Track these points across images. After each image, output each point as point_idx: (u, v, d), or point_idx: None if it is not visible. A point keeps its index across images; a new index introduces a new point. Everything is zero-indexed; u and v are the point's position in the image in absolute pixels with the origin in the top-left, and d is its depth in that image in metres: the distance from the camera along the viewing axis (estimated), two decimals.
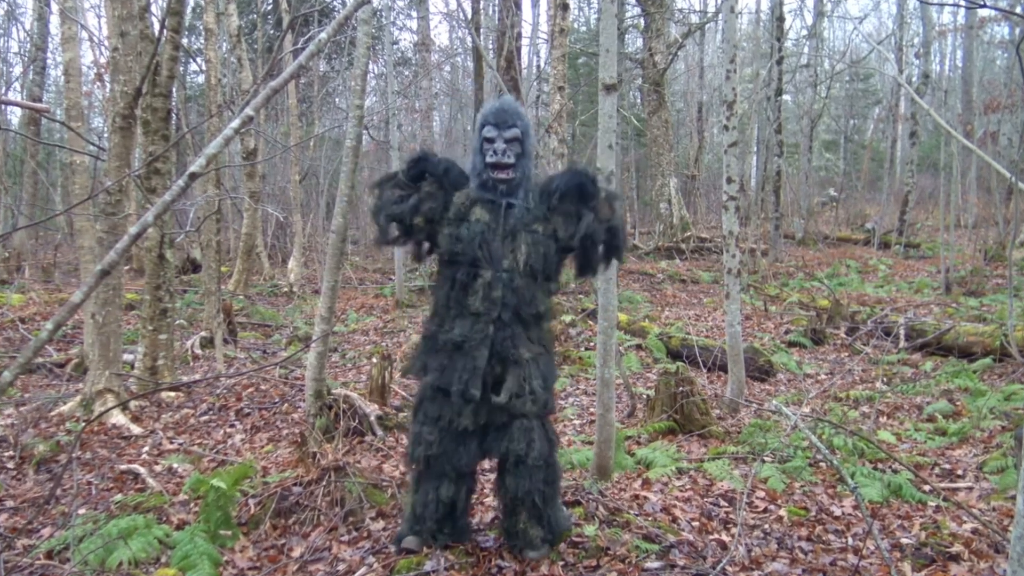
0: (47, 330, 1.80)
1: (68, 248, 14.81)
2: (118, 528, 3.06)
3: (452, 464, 2.84)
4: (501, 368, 2.78)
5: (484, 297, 2.73)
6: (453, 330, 2.77)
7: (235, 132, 1.94)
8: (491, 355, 2.75)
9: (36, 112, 10.93)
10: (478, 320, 2.74)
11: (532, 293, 2.78)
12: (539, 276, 2.79)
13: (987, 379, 6.34)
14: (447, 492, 2.87)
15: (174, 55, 5.60)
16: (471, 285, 2.74)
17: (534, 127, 3.66)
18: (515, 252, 2.75)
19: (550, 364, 2.90)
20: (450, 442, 2.82)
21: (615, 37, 3.85)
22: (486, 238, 2.74)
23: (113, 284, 5.23)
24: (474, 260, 2.74)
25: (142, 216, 1.92)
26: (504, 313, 2.74)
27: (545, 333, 2.91)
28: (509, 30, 13.03)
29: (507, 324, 2.75)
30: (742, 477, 3.97)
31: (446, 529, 2.95)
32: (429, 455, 2.83)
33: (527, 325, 2.81)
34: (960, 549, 3.12)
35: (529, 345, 2.81)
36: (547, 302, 2.88)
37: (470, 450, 2.84)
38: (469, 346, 2.74)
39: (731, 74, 5.77)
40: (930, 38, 17.74)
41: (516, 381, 2.76)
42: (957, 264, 12.37)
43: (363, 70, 4.55)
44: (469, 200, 2.82)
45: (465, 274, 2.75)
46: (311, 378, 4.58)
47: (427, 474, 2.88)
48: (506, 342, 2.76)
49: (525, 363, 2.78)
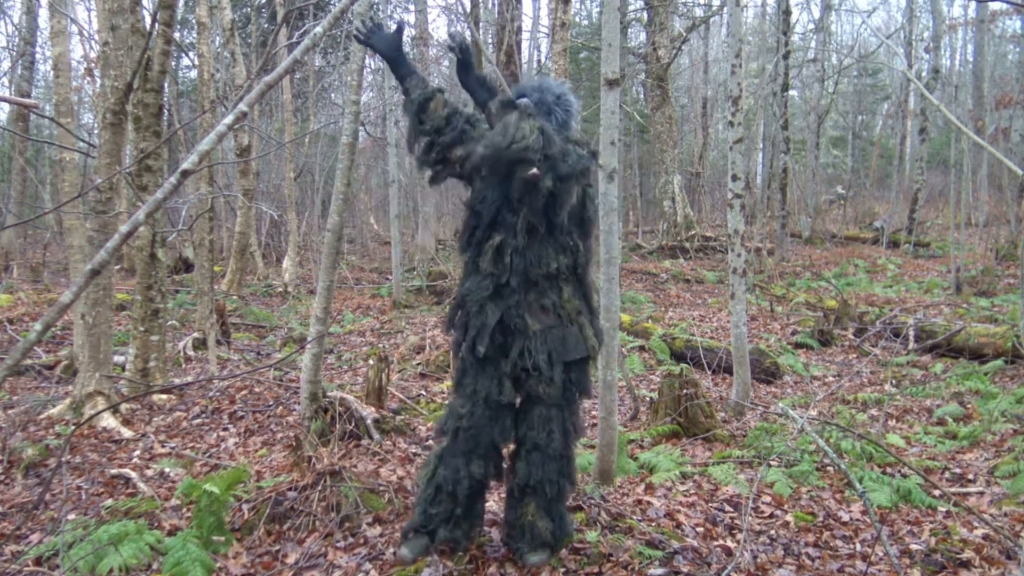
0: (36, 331, 1.80)
1: (57, 247, 14.81)
2: (108, 534, 3.06)
3: (484, 440, 2.84)
4: (511, 339, 2.79)
5: (493, 260, 2.77)
6: (465, 284, 2.87)
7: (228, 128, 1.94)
8: (501, 321, 2.78)
9: (25, 108, 10.94)
10: (485, 278, 2.79)
11: (539, 252, 2.76)
12: (539, 230, 2.75)
13: (998, 381, 6.34)
14: (479, 469, 2.85)
15: (166, 49, 5.60)
16: (483, 245, 2.80)
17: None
18: (521, 215, 2.75)
19: (564, 338, 2.81)
20: (484, 417, 2.82)
21: (618, 31, 3.85)
22: (503, 203, 2.76)
23: (103, 284, 5.23)
24: (492, 222, 2.79)
25: (133, 214, 1.92)
26: (513, 278, 2.76)
27: (564, 299, 2.82)
28: (509, 24, 13.04)
29: (515, 290, 2.77)
30: (748, 482, 3.97)
31: (460, 511, 2.91)
32: (459, 427, 2.85)
33: (540, 290, 2.79)
34: (971, 555, 3.12)
35: (541, 315, 2.80)
36: (560, 260, 2.79)
37: (503, 426, 2.85)
38: (471, 301, 2.81)
39: (736, 69, 5.77)
40: (940, 32, 17.74)
41: (518, 353, 2.77)
42: (968, 263, 12.37)
43: (359, 65, 4.55)
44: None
45: (482, 234, 2.82)
46: (306, 380, 4.58)
47: (457, 449, 2.87)
48: (511, 310, 2.77)
49: (532, 335, 2.77)
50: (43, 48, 16.69)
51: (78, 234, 6.57)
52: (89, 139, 11.83)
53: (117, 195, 5.96)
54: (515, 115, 2.66)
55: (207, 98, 9.15)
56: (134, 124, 5.57)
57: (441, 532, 2.92)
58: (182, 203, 8.25)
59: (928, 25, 19.63)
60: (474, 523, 3.02)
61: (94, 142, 7.54)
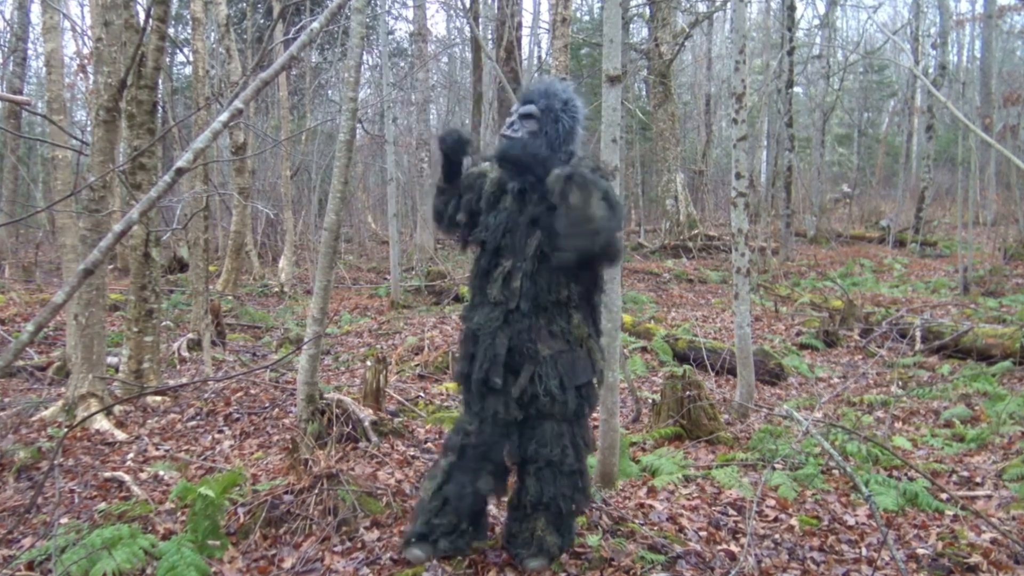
0: (28, 332, 1.80)
1: (50, 246, 14.81)
2: (102, 538, 3.06)
3: (493, 457, 2.88)
4: (520, 362, 2.81)
5: (503, 286, 2.80)
6: (473, 318, 2.89)
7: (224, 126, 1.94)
8: (510, 347, 2.80)
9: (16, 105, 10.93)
10: (495, 309, 2.82)
11: (549, 279, 2.79)
12: (552, 260, 2.79)
13: (1007, 383, 6.34)
14: (486, 486, 2.89)
15: (160, 45, 5.60)
16: (491, 273, 2.84)
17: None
18: (532, 239, 2.79)
19: (574, 362, 2.85)
20: (492, 434, 2.86)
21: (619, 26, 3.85)
22: (509, 227, 2.83)
23: (97, 284, 5.23)
24: (497, 248, 2.84)
25: (127, 213, 1.92)
26: (523, 303, 2.78)
27: (573, 325, 2.86)
28: (509, 19, 13.04)
29: (525, 315, 2.79)
30: (752, 485, 3.97)
31: (464, 525, 2.94)
32: (467, 444, 2.89)
33: (550, 316, 2.82)
34: (979, 560, 3.12)
35: (550, 340, 2.82)
36: (571, 288, 2.83)
37: (512, 443, 2.88)
38: (484, 333, 2.83)
39: (740, 65, 5.77)
40: (947, 28, 17.74)
41: (527, 378, 2.79)
42: (975, 263, 12.37)
43: (357, 61, 4.55)
44: (500, 188, 2.91)
45: (487, 262, 2.86)
46: (303, 382, 4.57)
47: (462, 466, 2.91)
48: (522, 335, 2.79)
49: (542, 360, 2.80)
50: (35, 44, 16.69)
51: (71, 233, 6.57)
52: (82, 136, 11.83)
53: (110, 193, 5.96)
54: (595, 201, 2.60)
55: (202, 95, 9.15)
56: (128, 121, 5.57)
57: (443, 543, 2.94)
58: (176, 202, 8.25)
59: (935, 21, 19.62)
60: (477, 534, 3.03)
61: (87, 139, 7.53)
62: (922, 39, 19.28)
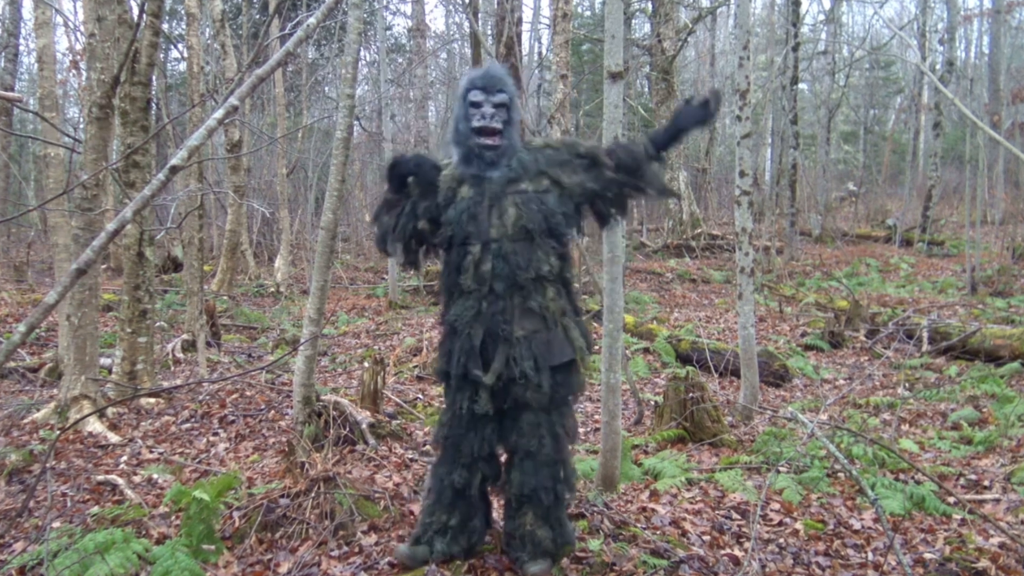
0: (19, 332, 1.80)
1: (42, 245, 14.82)
2: (95, 542, 3.06)
3: (464, 449, 2.89)
4: (494, 347, 2.80)
5: (474, 273, 2.78)
6: (449, 312, 2.88)
7: (219, 123, 1.94)
8: (485, 333, 2.80)
9: (8, 101, 10.94)
10: (469, 298, 2.81)
11: (528, 255, 2.78)
12: (536, 235, 2.78)
13: (1015, 384, 6.34)
14: (460, 478, 2.91)
15: (154, 41, 5.60)
16: (462, 263, 2.81)
17: (536, 117, 3.66)
18: (502, 217, 2.77)
19: (549, 342, 2.82)
20: (461, 427, 2.88)
21: (621, 22, 3.85)
22: (472, 212, 2.80)
23: (89, 284, 5.23)
24: (464, 238, 2.81)
25: (120, 212, 1.92)
26: (496, 284, 2.76)
27: (551, 300, 2.83)
28: (509, 15, 13.03)
29: (500, 296, 2.77)
30: (756, 488, 3.97)
31: (454, 522, 2.94)
32: (445, 437, 2.94)
33: (527, 292, 2.80)
34: (987, 564, 3.12)
35: (524, 320, 2.80)
36: (552, 262, 2.83)
37: (483, 436, 2.88)
38: (460, 325, 2.82)
39: (744, 61, 5.77)
40: (955, 23, 17.75)
41: (503, 363, 2.78)
42: (983, 263, 12.37)
43: (354, 57, 4.55)
44: (455, 181, 2.88)
45: (457, 254, 2.83)
46: (299, 384, 4.58)
47: (443, 458, 2.98)
48: (496, 317, 2.78)
49: (516, 342, 2.78)
50: (27, 40, 16.68)
51: (63, 232, 6.57)
52: (75, 134, 11.83)
53: (103, 192, 5.96)
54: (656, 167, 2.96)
55: (197, 92, 9.15)
56: (121, 118, 5.57)
57: (438, 544, 2.95)
58: (171, 200, 8.26)
59: (942, 16, 19.66)
60: (472, 539, 3.02)
61: (80, 137, 7.54)
62: (929, 35, 19.27)
